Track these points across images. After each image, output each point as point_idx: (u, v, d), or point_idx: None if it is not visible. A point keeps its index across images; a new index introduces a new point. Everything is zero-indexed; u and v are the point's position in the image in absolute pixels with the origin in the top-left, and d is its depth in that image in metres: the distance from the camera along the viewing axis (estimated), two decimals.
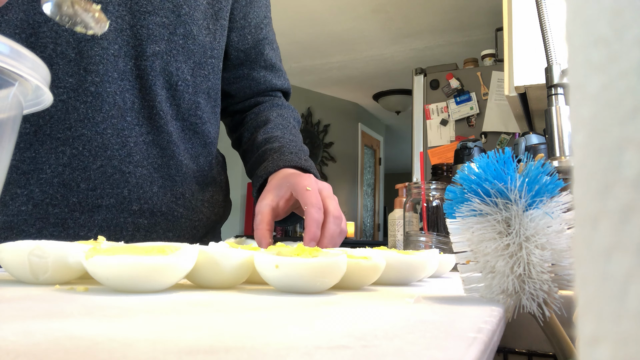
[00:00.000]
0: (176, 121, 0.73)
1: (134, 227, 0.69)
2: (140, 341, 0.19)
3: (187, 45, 0.72)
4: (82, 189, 0.65)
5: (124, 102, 0.67)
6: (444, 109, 2.95)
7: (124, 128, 0.67)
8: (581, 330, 0.10)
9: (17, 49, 0.21)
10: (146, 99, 0.69)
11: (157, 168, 0.71)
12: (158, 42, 0.69)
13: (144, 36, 0.68)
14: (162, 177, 0.71)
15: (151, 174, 0.70)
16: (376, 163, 5.88)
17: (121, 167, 0.67)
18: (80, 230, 0.65)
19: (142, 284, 0.34)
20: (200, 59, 0.74)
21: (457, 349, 0.19)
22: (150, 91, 0.69)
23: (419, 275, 0.52)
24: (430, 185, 0.95)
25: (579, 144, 0.10)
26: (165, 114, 0.71)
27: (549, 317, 0.35)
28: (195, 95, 0.74)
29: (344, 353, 0.18)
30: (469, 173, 0.36)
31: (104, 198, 0.66)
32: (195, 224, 0.76)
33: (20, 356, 0.16)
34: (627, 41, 0.10)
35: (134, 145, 0.68)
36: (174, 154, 0.72)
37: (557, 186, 0.34)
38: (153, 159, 0.70)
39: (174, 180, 0.73)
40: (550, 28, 0.78)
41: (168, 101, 0.71)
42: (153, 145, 0.70)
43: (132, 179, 0.68)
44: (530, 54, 1.23)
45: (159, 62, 0.69)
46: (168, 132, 0.71)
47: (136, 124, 0.69)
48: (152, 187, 0.70)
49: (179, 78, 0.71)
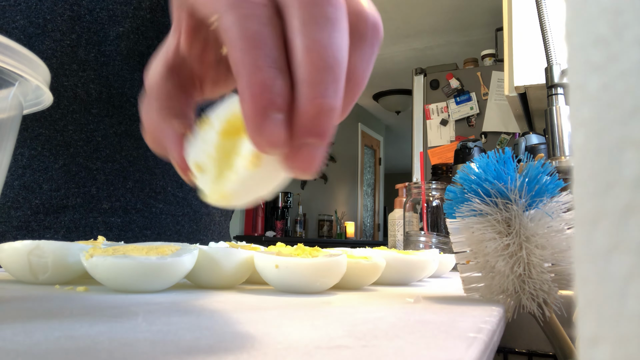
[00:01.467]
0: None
1: (106, 227, 0.64)
2: (140, 341, 0.19)
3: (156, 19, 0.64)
4: (45, 190, 0.61)
5: (87, 94, 0.62)
6: (444, 109, 2.95)
7: (89, 122, 0.63)
8: (581, 330, 0.10)
9: (17, 49, 0.21)
10: (115, 87, 0.63)
11: (132, 161, 0.65)
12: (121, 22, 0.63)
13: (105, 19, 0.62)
14: (139, 171, 0.66)
15: (125, 168, 0.64)
16: (376, 163, 5.89)
17: (87, 164, 0.63)
18: (45, 232, 0.62)
19: (142, 284, 0.34)
20: None
21: (457, 349, 0.19)
22: (119, 77, 0.63)
23: (419, 275, 0.52)
24: (430, 185, 0.95)
25: (578, 144, 0.10)
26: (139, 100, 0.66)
27: (549, 317, 0.35)
28: None
29: (344, 353, 0.18)
30: (469, 173, 0.36)
31: (69, 198, 0.62)
32: (178, 220, 0.70)
33: (20, 356, 0.16)
34: (627, 41, 0.10)
35: (101, 139, 0.63)
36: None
37: (557, 186, 0.34)
38: (127, 151, 0.65)
39: (152, 173, 0.67)
40: (550, 28, 0.78)
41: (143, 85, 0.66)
42: (126, 136, 0.64)
43: (100, 176, 0.63)
44: (530, 54, 1.23)
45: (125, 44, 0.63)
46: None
47: (105, 115, 0.63)
48: (125, 183, 0.65)
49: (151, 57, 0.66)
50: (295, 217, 4.53)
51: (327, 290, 0.40)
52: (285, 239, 3.98)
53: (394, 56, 4.03)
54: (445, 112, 2.94)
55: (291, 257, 0.37)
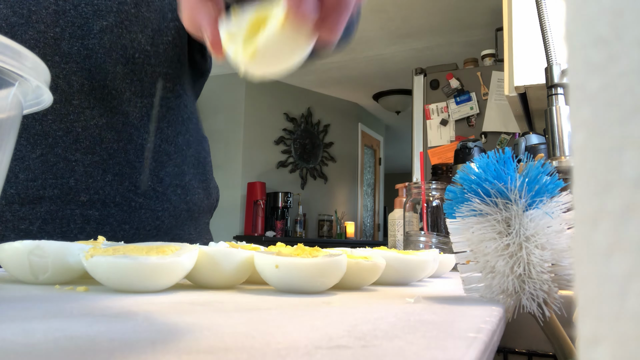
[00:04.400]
0: (139, 98, 0.67)
1: (83, 220, 0.63)
2: (140, 341, 0.19)
3: (140, 13, 0.65)
4: (21, 180, 0.60)
5: (69, 86, 0.62)
6: (444, 109, 2.95)
7: (69, 112, 0.62)
8: (581, 330, 0.10)
9: (17, 48, 0.21)
10: (97, 79, 0.64)
11: (112, 154, 0.64)
12: (105, 17, 0.63)
13: (89, 13, 0.63)
14: (119, 164, 0.65)
15: (105, 161, 0.64)
16: (376, 163, 5.89)
17: (66, 155, 0.62)
18: (20, 223, 0.60)
19: (142, 284, 0.34)
20: (160, 24, 0.67)
21: (457, 349, 0.19)
22: (101, 70, 0.64)
23: (419, 275, 0.52)
24: (430, 185, 0.95)
25: (578, 144, 0.10)
26: (121, 92, 0.65)
27: (549, 317, 0.35)
28: (160, 66, 0.68)
29: (344, 353, 0.18)
30: (469, 173, 0.36)
31: (46, 189, 0.61)
32: (158, 215, 0.69)
33: (20, 356, 0.16)
34: (627, 41, 0.10)
35: (82, 130, 0.63)
36: (132, 137, 0.66)
37: (557, 186, 0.34)
38: (107, 144, 0.64)
39: (133, 167, 0.66)
40: (550, 28, 0.78)
41: (127, 78, 0.65)
42: (107, 128, 0.64)
43: (79, 167, 0.62)
44: (530, 54, 1.23)
45: (109, 37, 0.64)
46: (124, 113, 0.65)
47: (86, 107, 0.63)
48: (104, 176, 0.64)
49: (135, 50, 0.65)
50: (295, 217, 4.53)
51: (327, 290, 0.41)
52: (285, 239, 3.99)
53: (394, 56, 4.03)
54: (445, 112, 2.94)
55: (291, 257, 0.37)
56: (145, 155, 0.67)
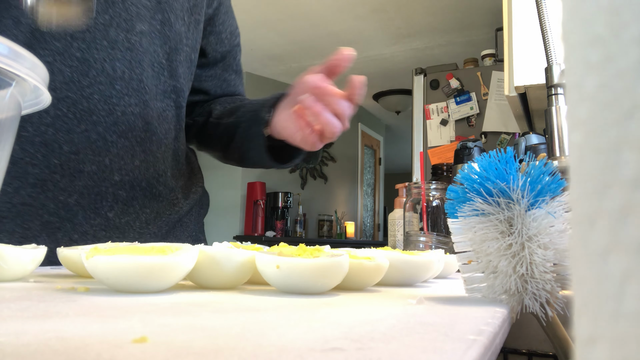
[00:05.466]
0: (156, 101, 0.75)
1: (113, 199, 0.68)
2: (131, 343, 0.19)
3: (163, 30, 0.75)
4: (65, 152, 0.64)
5: (113, 70, 0.68)
6: (444, 109, 2.95)
7: (112, 96, 0.68)
8: (578, 330, 0.10)
9: (15, 49, 0.21)
10: (135, 72, 0.71)
11: (140, 142, 0.71)
12: (142, 22, 0.72)
13: (133, 13, 0.70)
14: (144, 152, 0.72)
15: (133, 146, 0.70)
16: (376, 163, 5.88)
17: (105, 134, 0.67)
18: (59, 194, 0.64)
19: (142, 284, 0.34)
20: (177, 45, 0.77)
21: (455, 352, 0.19)
22: (139, 65, 0.71)
23: (424, 276, 0.51)
24: (430, 185, 0.95)
25: (576, 144, 0.10)
26: (150, 90, 0.73)
27: (551, 317, 0.35)
28: (172, 79, 0.77)
29: (337, 356, 0.17)
30: (471, 172, 0.36)
31: (85, 164, 0.66)
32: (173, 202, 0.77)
33: (7, 357, 0.16)
34: (624, 41, 0.10)
35: (121, 114, 0.69)
36: (156, 131, 0.74)
37: (559, 186, 0.34)
38: (137, 132, 0.71)
39: (155, 157, 0.74)
40: (550, 28, 0.78)
41: (153, 79, 0.74)
42: (139, 118, 0.71)
43: (114, 148, 0.68)
44: (530, 54, 1.23)
45: (145, 40, 0.72)
46: (153, 108, 0.73)
47: (125, 94, 0.69)
48: (133, 160, 0.70)
49: (154, 60, 0.74)
50: (295, 217, 4.53)
51: (329, 291, 0.40)
52: (286, 239, 3.98)
53: (394, 56, 4.03)
54: (445, 112, 2.94)
55: (292, 257, 0.37)
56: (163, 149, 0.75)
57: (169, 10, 0.76)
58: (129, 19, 0.70)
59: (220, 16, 0.89)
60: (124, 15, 0.70)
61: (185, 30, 0.79)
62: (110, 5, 0.68)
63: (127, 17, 0.70)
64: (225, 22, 0.91)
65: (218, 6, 0.88)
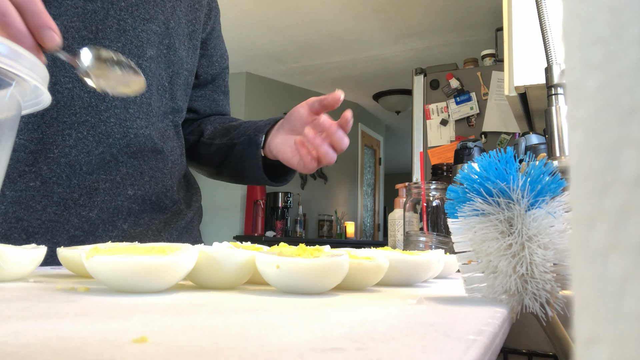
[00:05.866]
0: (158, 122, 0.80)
1: (127, 212, 0.74)
2: (130, 343, 0.19)
3: (169, 55, 0.81)
4: (84, 172, 0.70)
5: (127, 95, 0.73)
6: (444, 109, 2.95)
7: (126, 119, 0.73)
8: (578, 330, 0.10)
9: (15, 49, 0.21)
10: (145, 96, 0.76)
11: (147, 160, 0.77)
12: (152, 48, 0.77)
13: (144, 40, 0.76)
14: (152, 169, 0.77)
15: (141, 165, 0.76)
16: (376, 163, 5.88)
17: (118, 155, 0.72)
18: (81, 209, 0.69)
19: (142, 284, 0.34)
20: (178, 69, 0.83)
21: (455, 351, 0.19)
22: (148, 89, 0.76)
23: (424, 276, 0.51)
24: (430, 185, 0.95)
25: (576, 144, 0.10)
26: (156, 112, 0.78)
27: (551, 317, 0.34)
28: (172, 101, 0.83)
29: (337, 356, 0.17)
30: (471, 172, 0.36)
31: (99, 182, 0.71)
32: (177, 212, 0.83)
33: (7, 357, 0.16)
34: (625, 41, 0.10)
35: (133, 136, 0.74)
36: (162, 150, 0.79)
37: (559, 186, 0.34)
38: (146, 152, 0.76)
39: (163, 173, 0.79)
40: (550, 28, 0.78)
41: (157, 101, 0.80)
42: (148, 138, 0.76)
43: (124, 167, 0.73)
44: (530, 54, 1.23)
45: (154, 65, 0.77)
46: (159, 129, 0.79)
47: (137, 117, 0.74)
48: (143, 177, 0.76)
49: (159, 83, 0.80)
50: (295, 217, 4.52)
51: (329, 291, 0.40)
52: (286, 239, 3.98)
53: (394, 56, 4.03)
54: (445, 112, 2.94)
55: (292, 257, 0.37)
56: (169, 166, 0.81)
57: (175, 35, 0.81)
58: (140, 45, 0.75)
59: (213, 40, 0.95)
60: (135, 42, 0.75)
61: (185, 54, 0.85)
62: (122, 34, 0.73)
63: (138, 43, 0.75)
64: (217, 45, 0.97)
65: (211, 31, 0.94)
